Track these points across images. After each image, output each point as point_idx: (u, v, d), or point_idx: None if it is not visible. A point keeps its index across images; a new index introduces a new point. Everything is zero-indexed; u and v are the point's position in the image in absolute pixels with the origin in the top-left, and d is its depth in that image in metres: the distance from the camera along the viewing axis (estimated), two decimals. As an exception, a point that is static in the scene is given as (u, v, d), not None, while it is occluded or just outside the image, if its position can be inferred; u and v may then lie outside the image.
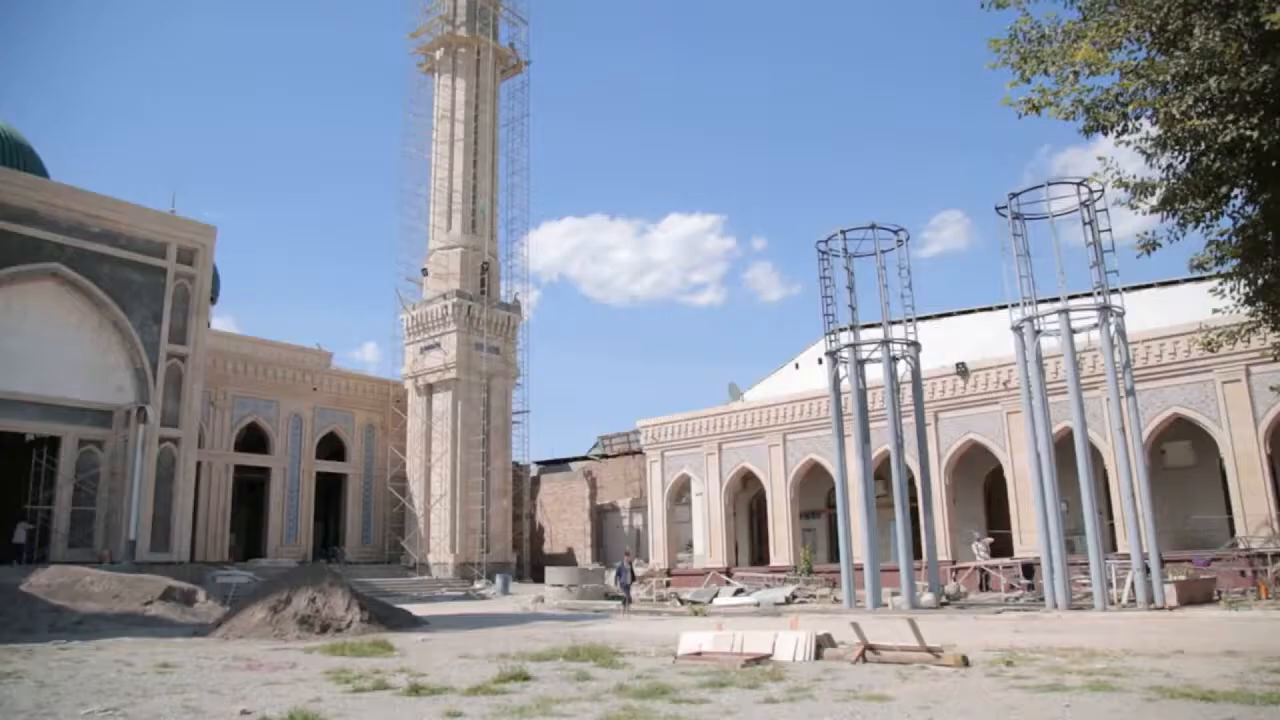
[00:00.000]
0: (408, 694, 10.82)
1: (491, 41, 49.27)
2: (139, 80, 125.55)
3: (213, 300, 42.46)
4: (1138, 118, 10.35)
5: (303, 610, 21.22)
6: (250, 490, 44.98)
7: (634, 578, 31.68)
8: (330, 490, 46.61)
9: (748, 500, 42.75)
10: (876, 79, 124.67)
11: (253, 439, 43.41)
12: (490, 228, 48.02)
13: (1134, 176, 11.33)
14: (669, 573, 40.19)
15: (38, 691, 11.88)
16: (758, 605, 29.01)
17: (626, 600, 29.27)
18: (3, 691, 11.95)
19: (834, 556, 34.48)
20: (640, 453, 47.12)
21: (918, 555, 27.42)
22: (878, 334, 27.73)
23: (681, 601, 31.31)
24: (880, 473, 29.93)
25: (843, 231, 27.68)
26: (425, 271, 47.50)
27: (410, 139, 48.85)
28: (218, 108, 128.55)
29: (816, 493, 39.37)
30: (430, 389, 45.75)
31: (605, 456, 54.34)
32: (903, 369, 27.98)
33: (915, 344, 27.58)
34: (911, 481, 27.67)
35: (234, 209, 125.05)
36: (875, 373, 28.17)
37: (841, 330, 28.22)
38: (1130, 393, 23.79)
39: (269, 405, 43.64)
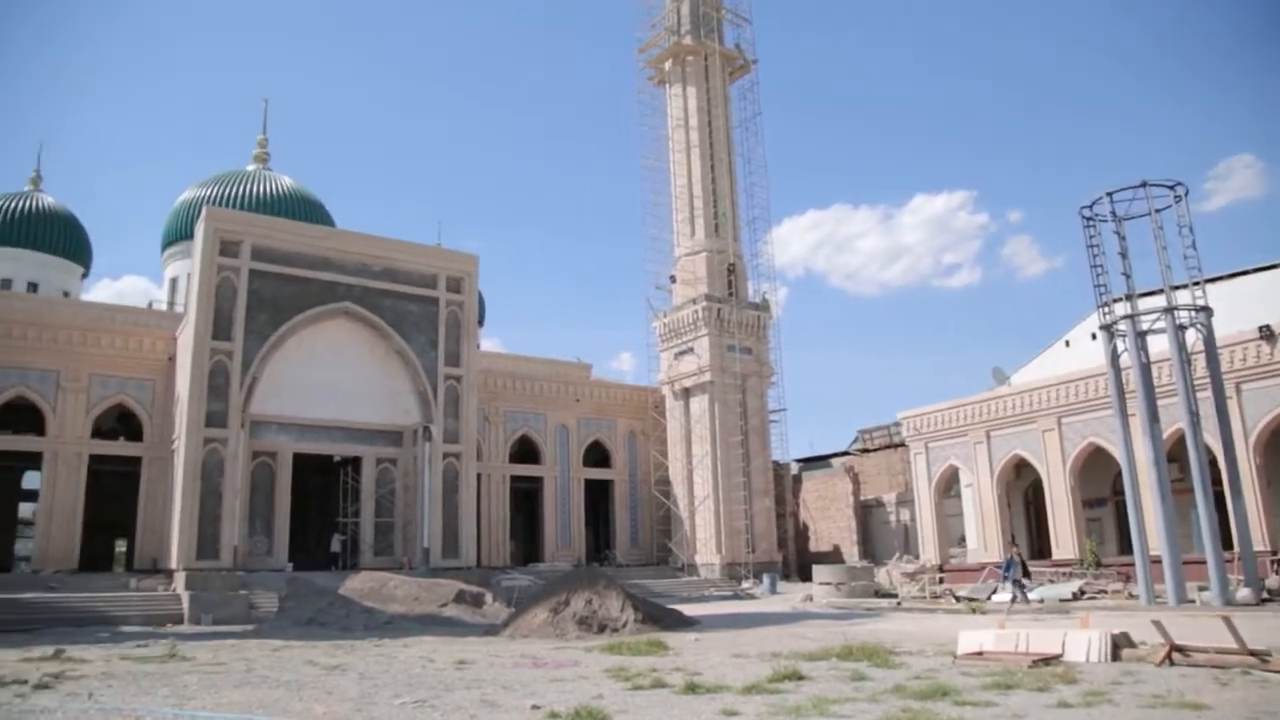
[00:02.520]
0: (684, 692, 11.06)
1: (717, 46, 49.63)
2: (402, 123, 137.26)
3: (480, 323, 45.49)
4: None
5: (580, 611, 22.21)
6: (525, 499, 47.80)
7: (1027, 573, 29.22)
8: (598, 496, 48.57)
9: (1022, 490, 40.22)
10: (1126, 19, 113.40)
11: (524, 450, 46.11)
12: (733, 229, 48.30)
13: None
14: (941, 569, 38.57)
15: (360, 683, 13.24)
16: (1041, 602, 27.23)
17: (1022, 599, 26.64)
18: (333, 681, 13.44)
19: (1124, 548, 31.77)
20: (903, 445, 45.60)
21: (1227, 545, 24.69)
22: (1158, 302, 25.31)
23: (957, 598, 29.95)
24: (1173, 454, 27.24)
25: (1109, 194, 25.56)
26: (673, 279, 48.48)
27: (647, 151, 50.20)
28: (473, 144, 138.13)
29: (1100, 479, 36.37)
30: (687, 393, 46.62)
31: (866, 451, 53.06)
32: (1192, 338, 25.36)
33: (1205, 309, 24.94)
34: (1213, 463, 24.98)
35: (491, 236, 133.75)
36: (1158, 345, 25.71)
37: (1116, 301, 26.04)
38: None
39: (537, 418, 46.20)
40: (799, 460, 53.97)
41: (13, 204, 52.63)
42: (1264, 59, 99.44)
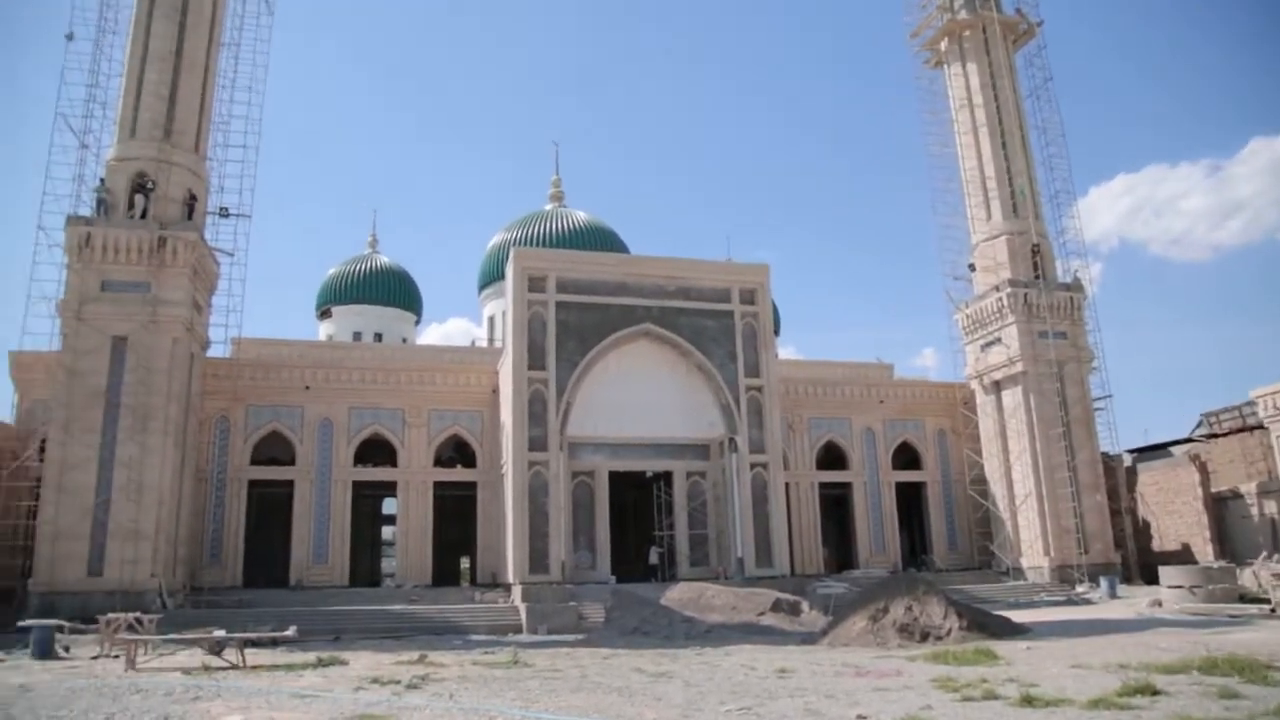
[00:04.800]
0: (1019, 704, 10.43)
1: (995, 14, 46.64)
2: (679, 142, 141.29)
3: (775, 332, 45.65)
4: None
5: (900, 619, 21.58)
6: (835, 505, 47.22)
7: None
8: (910, 499, 47.02)
9: None
10: None
11: (831, 456, 45.60)
12: (1033, 207, 45.11)
13: None
14: (1324, 567, 33.45)
15: (685, 690, 13.68)
16: None
17: None
18: (660, 688, 13.99)
19: None
20: (1261, 428, 40.21)
21: None
22: None
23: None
24: None
25: None
26: (972, 267, 46.10)
27: (930, 138, 48.21)
28: (750, 154, 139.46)
29: None
30: (997, 386, 44.05)
31: (1213, 436, 47.22)
32: None
33: None
34: None
35: (777, 245, 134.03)
36: None
37: None
38: None
39: (841, 423, 45.56)
40: (1131, 451, 49.08)
41: (358, 267, 60.17)
42: None
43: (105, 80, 35.09)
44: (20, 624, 23.90)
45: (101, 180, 34.07)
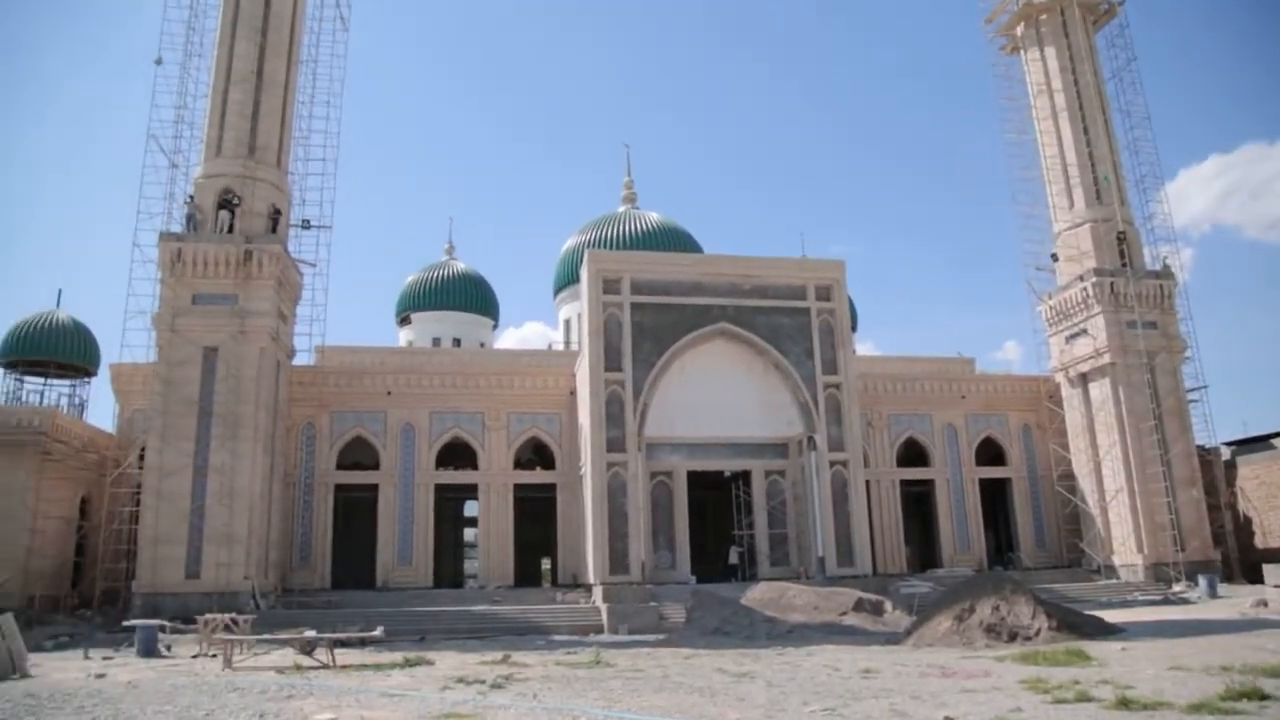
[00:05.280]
0: (1115, 708, 10.13)
1: (1073, -5, 45.29)
2: (750, 139, 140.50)
3: (853, 329, 45.06)
4: None
5: (987, 619, 21.16)
6: (917, 503, 46.43)
7: None
8: (995, 495, 45.97)
9: None
10: None
11: (911, 453, 44.84)
12: (1118, 193, 43.69)
13: None
14: None
15: (768, 690, 13.62)
16: None
17: None
18: (743, 688, 13.95)
19: None
20: (1369, 417, 38.10)
21: None
22: None
23: None
24: None
25: None
26: (1055, 257, 44.87)
27: (1007, 126, 47.02)
28: (823, 149, 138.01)
29: None
30: (1084, 379, 42.79)
31: (1319, 427, 45.09)
32: None
33: None
34: None
35: (852, 240, 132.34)
36: None
37: None
38: None
39: (922, 419, 44.78)
40: (1230, 443, 47.12)
41: (436, 274, 61.29)
42: None
43: (192, 101, 36.54)
44: (126, 623, 25.13)
45: (190, 197, 35.38)
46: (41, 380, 43.44)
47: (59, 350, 42.30)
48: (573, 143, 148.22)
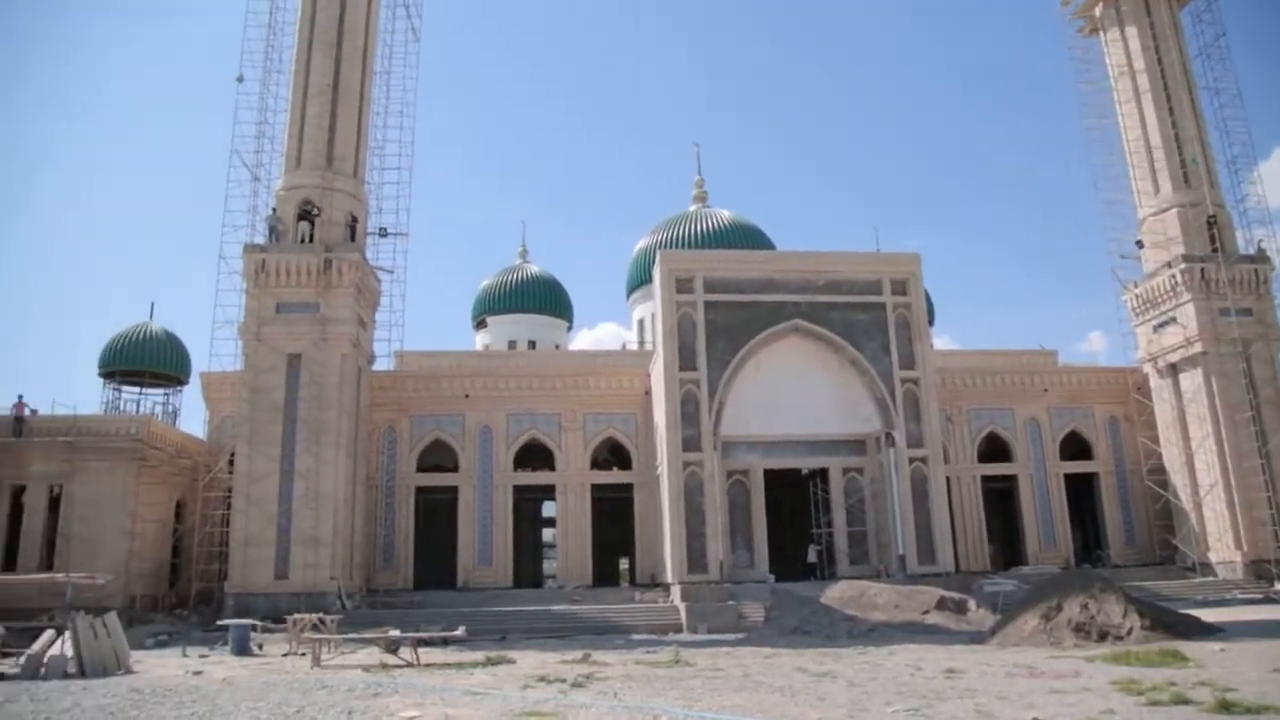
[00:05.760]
0: (1214, 710, 9.78)
1: (1157, -27, 43.72)
2: (819, 133, 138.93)
3: (930, 322, 44.25)
4: None
5: (1076, 617, 20.63)
6: (999, 499, 45.36)
7: None
8: (1081, 491, 44.66)
9: None
10: None
11: (993, 448, 43.85)
12: (1207, 176, 42.03)
13: None
14: None
15: (849, 690, 13.48)
16: None
17: None
18: (824, 688, 13.83)
19: None
20: None
21: None
22: None
23: None
24: None
25: None
26: (1140, 244, 43.39)
27: (1087, 109, 45.62)
28: (894, 141, 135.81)
29: None
30: (1174, 369, 41.31)
31: None
32: None
33: None
34: None
35: (928, 232, 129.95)
36: None
37: None
38: None
39: (1003, 413, 43.75)
40: (1335, 434, 45.02)
41: (510, 277, 62.06)
42: None
43: (272, 116, 37.79)
44: (220, 623, 26.07)
45: (273, 209, 36.47)
46: (137, 390, 45.20)
47: (153, 360, 44.01)
48: (643, 143, 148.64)
